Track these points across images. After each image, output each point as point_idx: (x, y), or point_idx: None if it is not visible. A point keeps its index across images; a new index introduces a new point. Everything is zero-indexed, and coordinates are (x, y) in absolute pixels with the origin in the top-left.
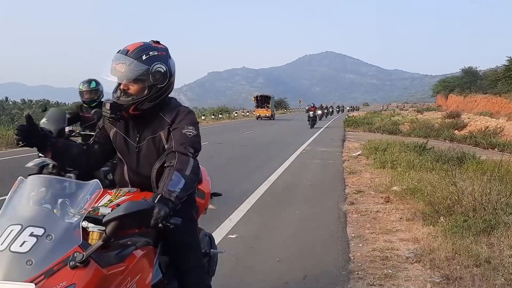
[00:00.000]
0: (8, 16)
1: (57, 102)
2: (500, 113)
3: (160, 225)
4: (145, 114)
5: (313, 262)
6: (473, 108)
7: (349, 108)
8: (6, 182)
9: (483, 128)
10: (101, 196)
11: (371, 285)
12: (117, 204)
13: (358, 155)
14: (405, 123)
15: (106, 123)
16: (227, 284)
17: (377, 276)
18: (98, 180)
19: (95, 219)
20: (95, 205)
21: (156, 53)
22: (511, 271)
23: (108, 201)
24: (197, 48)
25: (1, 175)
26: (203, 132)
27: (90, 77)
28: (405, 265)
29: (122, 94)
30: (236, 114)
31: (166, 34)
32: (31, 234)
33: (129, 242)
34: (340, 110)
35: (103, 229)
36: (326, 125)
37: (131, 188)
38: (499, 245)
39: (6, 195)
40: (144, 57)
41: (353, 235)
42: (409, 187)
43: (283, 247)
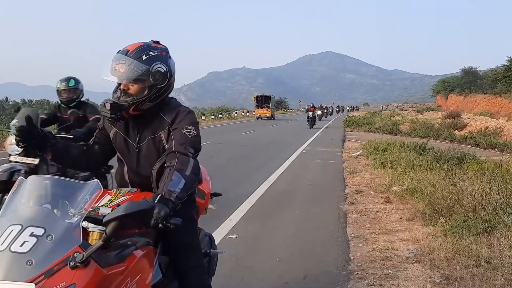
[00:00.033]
0: (8, 16)
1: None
2: (500, 113)
3: (160, 225)
4: (145, 114)
5: (313, 262)
6: (473, 108)
7: (349, 108)
8: None
9: (483, 128)
10: (101, 196)
11: (371, 285)
12: (117, 204)
13: (358, 155)
14: (405, 123)
15: (106, 124)
16: (227, 284)
17: (377, 276)
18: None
19: (95, 219)
20: (95, 205)
21: (156, 53)
22: (511, 271)
23: (108, 201)
24: (197, 48)
25: None
26: (203, 132)
27: (69, 76)
28: (405, 265)
29: (122, 94)
30: (236, 114)
31: (166, 34)
32: (31, 234)
33: (129, 242)
34: (340, 110)
35: (103, 229)
36: (326, 125)
37: (131, 188)
38: (499, 245)
39: None
40: (144, 57)
41: (353, 235)
42: (409, 187)
43: (283, 247)
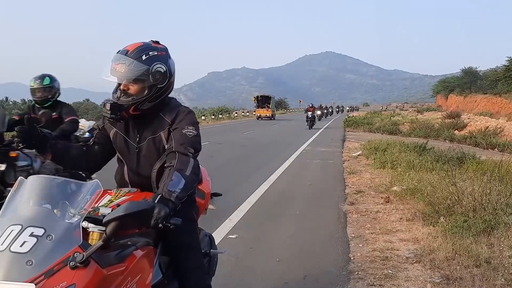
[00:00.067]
0: (8, 16)
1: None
2: (500, 113)
3: (160, 225)
4: (145, 114)
5: (313, 262)
6: (473, 108)
7: (349, 108)
8: None
9: (483, 128)
10: (101, 196)
11: (371, 285)
12: (117, 204)
13: (358, 155)
14: (405, 123)
15: (106, 124)
16: (227, 284)
17: (377, 276)
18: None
19: (95, 219)
20: (95, 205)
21: (156, 53)
22: (511, 272)
23: (108, 201)
24: (197, 48)
25: None
26: (203, 132)
27: (44, 73)
28: (405, 265)
29: (122, 95)
30: (236, 114)
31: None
32: (31, 234)
33: (129, 242)
34: (340, 111)
35: (103, 229)
36: (326, 126)
37: (131, 189)
38: (499, 246)
39: None
40: (144, 57)
41: (353, 235)
42: (409, 187)
43: (283, 247)
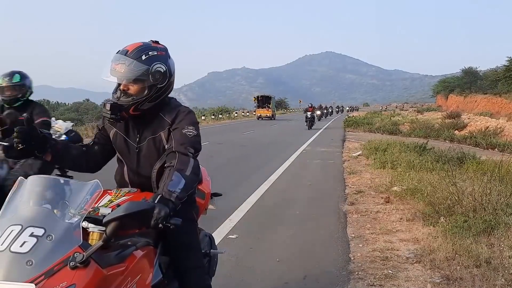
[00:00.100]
0: (8, 16)
1: (57, 102)
2: (500, 113)
3: (161, 226)
4: (145, 115)
5: (313, 262)
6: (473, 108)
7: (349, 109)
8: None
9: (483, 129)
10: (101, 197)
11: (371, 286)
12: (117, 205)
13: (358, 155)
14: (405, 124)
15: (106, 124)
16: (227, 284)
17: (377, 277)
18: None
19: (96, 220)
20: (95, 206)
21: (156, 53)
22: (511, 272)
23: (108, 202)
24: (197, 48)
25: None
26: (203, 132)
27: (14, 70)
28: (405, 266)
29: (122, 95)
30: (236, 114)
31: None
32: (31, 235)
33: (129, 243)
34: (340, 111)
35: (103, 230)
36: (326, 126)
37: (131, 189)
38: (499, 246)
39: None
40: (144, 57)
41: (353, 236)
42: (409, 188)
43: (283, 247)
